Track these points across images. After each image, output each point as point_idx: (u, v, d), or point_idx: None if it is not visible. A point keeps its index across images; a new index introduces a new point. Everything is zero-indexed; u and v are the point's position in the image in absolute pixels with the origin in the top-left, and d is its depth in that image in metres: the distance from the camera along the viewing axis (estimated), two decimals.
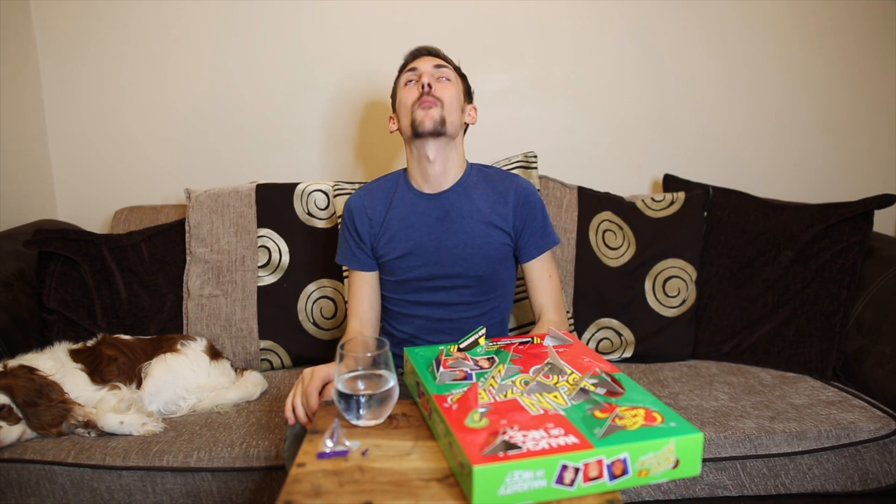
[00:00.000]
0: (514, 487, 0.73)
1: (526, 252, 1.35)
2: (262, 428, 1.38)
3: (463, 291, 1.34)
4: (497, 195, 1.35)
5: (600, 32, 2.03)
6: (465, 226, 1.32)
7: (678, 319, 1.75)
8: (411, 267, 1.33)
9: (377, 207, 1.37)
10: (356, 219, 1.37)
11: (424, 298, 1.35)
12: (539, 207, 1.36)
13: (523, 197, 1.35)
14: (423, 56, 1.37)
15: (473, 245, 1.32)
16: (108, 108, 2.01)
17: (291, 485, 0.78)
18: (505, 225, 1.33)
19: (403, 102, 1.32)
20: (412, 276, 1.34)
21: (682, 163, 2.10)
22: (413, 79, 1.33)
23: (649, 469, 0.77)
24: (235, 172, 2.04)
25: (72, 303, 1.67)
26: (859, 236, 1.66)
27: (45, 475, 1.27)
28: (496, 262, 1.34)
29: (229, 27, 1.97)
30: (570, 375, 0.96)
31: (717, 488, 1.31)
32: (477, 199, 1.34)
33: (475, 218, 1.33)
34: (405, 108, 1.31)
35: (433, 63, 1.34)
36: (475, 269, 1.32)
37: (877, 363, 1.50)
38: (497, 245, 1.33)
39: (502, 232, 1.33)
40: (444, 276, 1.33)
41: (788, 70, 2.08)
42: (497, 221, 1.33)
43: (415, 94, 1.30)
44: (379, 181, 1.42)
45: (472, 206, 1.33)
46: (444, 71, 1.34)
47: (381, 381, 0.92)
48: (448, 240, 1.32)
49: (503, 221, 1.33)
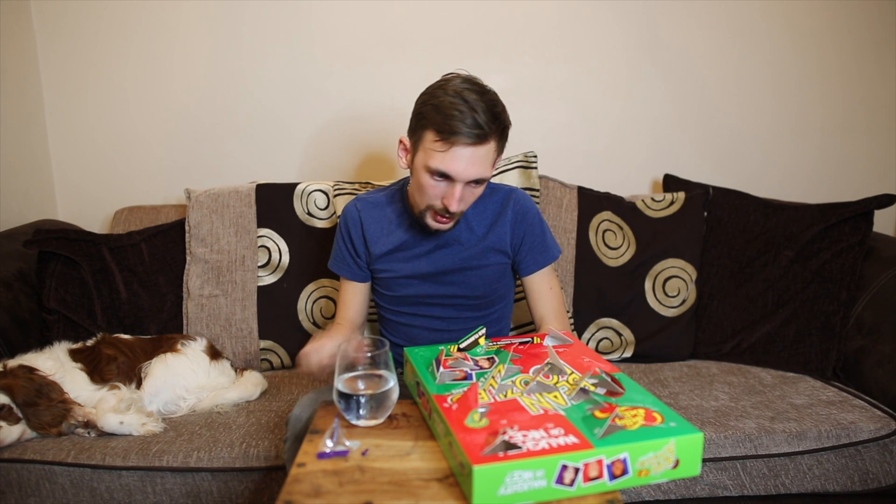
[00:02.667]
0: (514, 487, 0.73)
1: (525, 267, 1.32)
2: (262, 428, 1.38)
3: (462, 308, 1.33)
4: (495, 215, 1.30)
5: (600, 32, 2.03)
6: (463, 253, 1.29)
7: (678, 319, 1.75)
8: (409, 285, 1.31)
9: (374, 227, 1.32)
10: (352, 231, 1.33)
11: (423, 312, 1.33)
12: (537, 222, 1.32)
13: (521, 213, 1.30)
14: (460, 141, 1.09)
15: (472, 271, 1.30)
16: (108, 107, 2.01)
17: (291, 485, 0.78)
18: (502, 245, 1.30)
19: (424, 189, 1.17)
20: (409, 293, 1.31)
21: (682, 163, 2.10)
22: (440, 180, 1.14)
23: (649, 469, 0.78)
24: (235, 172, 2.04)
25: (72, 303, 1.67)
26: (859, 236, 1.66)
27: (45, 475, 1.27)
28: (495, 282, 1.32)
29: (229, 27, 1.97)
30: (570, 375, 0.96)
31: (717, 488, 1.31)
32: (475, 224, 1.30)
33: (473, 243, 1.29)
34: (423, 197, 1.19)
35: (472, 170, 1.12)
36: (474, 290, 1.31)
37: (877, 363, 1.50)
38: (495, 266, 1.31)
39: (500, 253, 1.31)
40: (442, 297, 1.31)
41: (788, 70, 2.08)
42: (495, 244, 1.30)
43: (437, 200, 1.16)
44: (379, 196, 1.36)
45: (471, 233, 1.30)
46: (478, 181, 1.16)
47: (381, 381, 0.92)
48: (446, 265, 1.29)
49: (500, 242, 1.30)
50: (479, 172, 1.13)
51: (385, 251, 1.31)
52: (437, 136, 1.11)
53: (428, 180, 1.15)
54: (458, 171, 1.12)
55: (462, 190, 1.14)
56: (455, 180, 1.13)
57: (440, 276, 1.30)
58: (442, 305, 1.32)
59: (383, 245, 1.31)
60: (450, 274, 1.30)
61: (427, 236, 1.30)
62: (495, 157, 1.17)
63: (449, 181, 1.14)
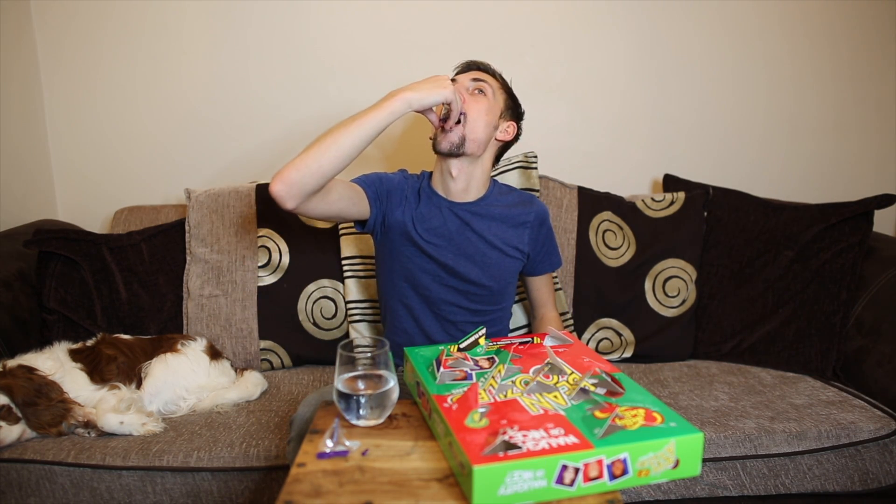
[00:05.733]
0: (515, 487, 0.74)
1: (537, 269, 1.45)
2: (262, 428, 1.38)
3: (473, 297, 1.37)
4: (515, 217, 1.38)
5: (600, 32, 2.03)
6: (481, 243, 1.35)
7: (678, 319, 1.75)
8: (437, 247, 1.33)
9: (410, 197, 1.36)
10: (394, 186, 1.34)
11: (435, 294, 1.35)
12: (551, 232, 1.44)
13: (542, 219, 1.41)
14: (468, 71, 1.36)
15: (489, 262, 1.35)
16: (108, 108, 2.01)
17: (291, 485, 0.78)
18: (521, 245, 1.38)
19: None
20: (437, 254, 1.33)
21: (682, 163, 2.10)
22: None
23: (649, 469, 0.78)
24: (235, 172, 2.04)
25: (72, 303, 1.67)
26: (859, 236, 1.66)
27: (45, 475, 1.27)
28: (508, 277, 1.40)
29: (229, 27, 1.97)
30: (571, 375, 0.96)
31: (717, 488, 1.31)
32: (495, 221, 1.36)
33: (491, 238, 1.35)
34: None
35: (472, 76, 1.34)
36: (489, 279, 1.36)
37: (877, 363, 1.50)
38: (510, 263, 1.38)
39: (518, 252, 1.38)
40: (460, 275, 1.34)
41: (788, 70, 2.08)
42: (513, 243, 1.37)
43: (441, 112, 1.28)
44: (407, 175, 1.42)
45: (490, 229, 1.36)
46: (482, 84, 1.33)
47: (381, 381, 0.92)
48: (467, 248, 1.35)
49: (520, 242, 1.38)
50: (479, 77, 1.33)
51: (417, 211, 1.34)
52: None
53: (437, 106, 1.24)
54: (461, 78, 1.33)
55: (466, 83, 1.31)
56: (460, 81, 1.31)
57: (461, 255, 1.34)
58: (456, 290, 1.35)
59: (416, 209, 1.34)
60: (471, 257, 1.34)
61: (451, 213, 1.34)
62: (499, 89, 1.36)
63: None
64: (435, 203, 1.36)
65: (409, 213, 1.34)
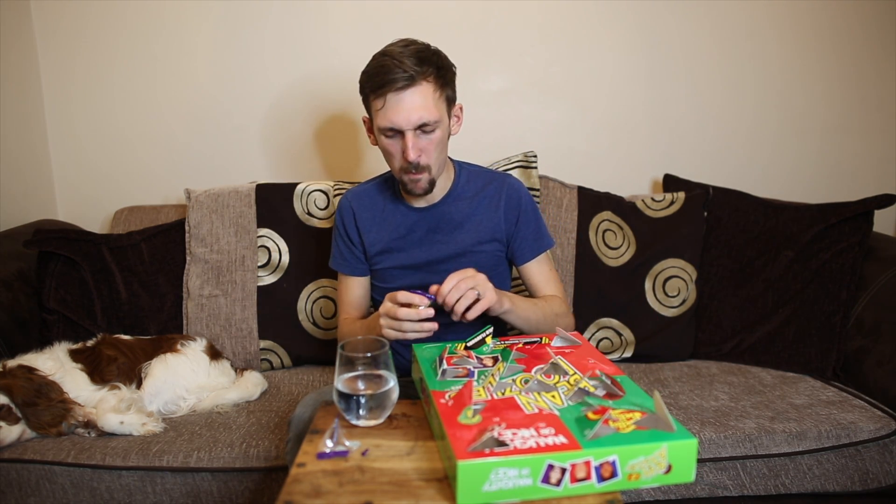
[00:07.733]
0: (499, 484, 0.74)
1: (520, 256, 1.33)
2: (262, 428, 1.38)
3: None
4: (487, 200, 1.32)
5: (600, 32, 2.03)
6: (455, 237, 1.31)
7: (678, 319, 1.75)
8: (404, 276, 1.33)
9: (366, 215, 1.34)
10: (346, 224, 1.36)
11: None
12: (531, 209, 1.33)
13: (515, 200, 1.31)
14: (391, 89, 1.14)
15: (465, 257, 1.30)
16: (108, 108, 2.01)
17: (291, 485, 0.78)
18: (497, 233, 1.32)
19: (388, 153, 1.22)
20: (405, 284, 1.31)
21: (682, 163, 2.10)
22: (392, 136, 1.18)
23: (640, 473, 0.77)
24: (235, 172, 2.04)
25: (72, 303, 1.67)
26: (859, 236, 1.66)
27: (45, 475, 1.27)
28: (488, 270, 1.29)
29: (229, 27, 1.97)
30: (572, 376, 0.96)
31: (717, 488, 1.31)
32: (467, 209, 1.31)
33: (465, 228, 1.31)
34: (390, 161, 1.23)
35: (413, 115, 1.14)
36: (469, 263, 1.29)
37: (877, 363, 1.50)
38: (488, 254, 1.32)
39: (493, 241, 1.32)
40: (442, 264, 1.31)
41: (789, 70, 2.08)
42: (488, 230, 1.31)
43: (399, 157, 1.19)
44: (368, 185, 1.39)
45: (462, 217, 1.31)
46: (427, 128, 1.17)
47: (381, 381, 0.92)
48: (440, 252, 1.31)
49: (495, 229, 1.31)
50: (422, 116, 1.15)
51: (380, 239, 1.33)
52: (374, 95, 1.17)
53: (385, 141, 1.19)
54: (399, 119, 1.15)
55: (413, 138, 1.16)
56: (403, 130, 1.15)
57: (435, 265, 1.31)
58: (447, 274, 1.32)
59: (377, 232, 1.33)
60: (444, 262, 1.30)
61: (420, 219, 1.31)
62: (440, 99, 1.18)
63: (400, 134, 1.17)
64: (401, 212, 1.33)
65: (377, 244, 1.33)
